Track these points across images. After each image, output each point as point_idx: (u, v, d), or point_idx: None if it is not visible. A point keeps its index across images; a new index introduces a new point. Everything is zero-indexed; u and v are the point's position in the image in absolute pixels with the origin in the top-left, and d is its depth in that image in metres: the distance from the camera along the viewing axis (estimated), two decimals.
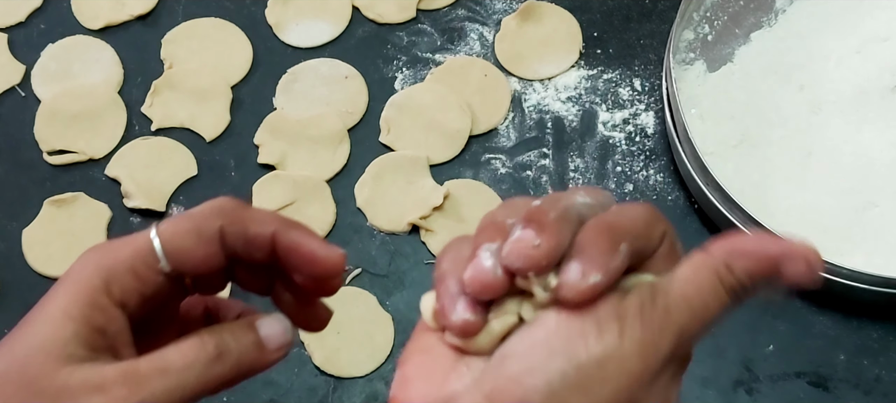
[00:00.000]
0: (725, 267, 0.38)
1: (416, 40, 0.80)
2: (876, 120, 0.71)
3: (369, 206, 0.74)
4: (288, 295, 0.46)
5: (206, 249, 0.43)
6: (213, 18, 0.81)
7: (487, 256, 0.37)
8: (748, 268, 0.38)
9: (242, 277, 0.46)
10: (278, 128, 0.77)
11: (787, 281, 0.38)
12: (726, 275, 0.38)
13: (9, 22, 0.82)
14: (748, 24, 0.77)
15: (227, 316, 0.48)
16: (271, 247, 0.43)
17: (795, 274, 0.38)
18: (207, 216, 0.43)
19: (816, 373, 0.68)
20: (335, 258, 0.44)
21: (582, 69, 0.78)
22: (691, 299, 0.37)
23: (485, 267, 0.37)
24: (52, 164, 0.77)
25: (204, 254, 0.43)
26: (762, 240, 0.38)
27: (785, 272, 0.38)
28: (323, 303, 0.48)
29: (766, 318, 0.69)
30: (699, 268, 0.38)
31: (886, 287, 0.65)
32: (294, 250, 0.43)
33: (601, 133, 0.76)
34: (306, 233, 0.44)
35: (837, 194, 0.69)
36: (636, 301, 0.37)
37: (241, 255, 0.43)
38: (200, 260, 0.43)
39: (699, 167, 0.69)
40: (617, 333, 0.36)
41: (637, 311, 0.37)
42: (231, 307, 0.48)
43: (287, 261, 0.44)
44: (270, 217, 0.44)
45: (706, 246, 0.38)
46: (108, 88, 0.79)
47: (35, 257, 0.73)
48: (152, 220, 0.74)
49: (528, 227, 0.37)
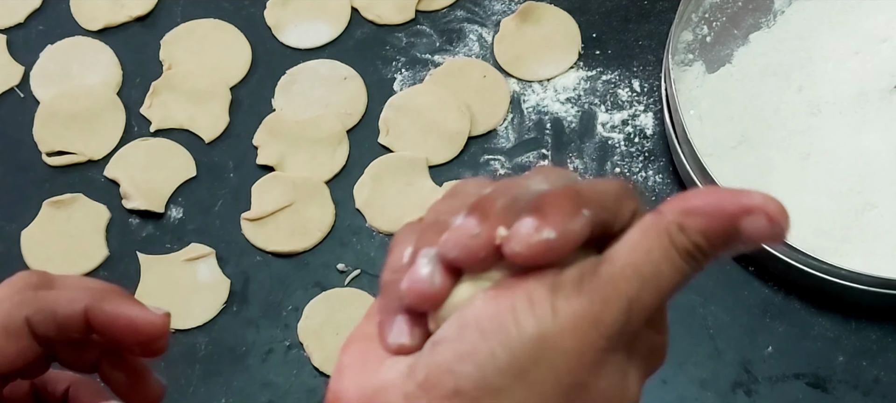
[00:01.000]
0: (678, 227, 0.33)
1: (415, 41, 0.80)
2: (875, 121, 0.71)
3: (368, 207, 0.74)
4: (116, 372, 0.44)
5: (16, 346, 0.40)
6: (212, 19, 0.81)
7: (425, 263, 0.34)
8: (703, 228, 0.33)
9: (65, 356, 0.43)
10: (277, 129, 0.77)
11: (748, 239, 0.33)
12: (679, 237, 0.33)
13: (8, 23, 0.82)
14: (747, 26, 0.77)
15: (54, 389, 0.45)
16: (86, 324, 0.40)
17: (756, 230, 0.33)
18: (10, 310, 0.40)
19: (815, 375, 0.68)
20: (157, 322, 0.41)
21: (581, 70, 0.78)
22: (640, 266, 0.33)
23: (422, 275, 0.33)
24: (50, 165, 0.76)
25: (15, 352, 0.40)
26: (718, 195, 0.34)
27: (744, 229, 0.33)
28: (155, 376, 0.45)
29: (764, 320, 0.69)
30: (648, 231, 0.33)
31: (885, 288, 0.65)
32: (111, 322, 0.40)
33: (600, 134, 0.76)
34: (122, 300, 0.41)
35: (836, 195, 0.69)
36: (575, 271, 0.33)
37: (57, 339, 0.41)
38: (13, 359, 0.40)
39: (698, 168, 0.69)
40: (549, 307, 0.32)
41: (575, 281, 0.33)
42: (58, 380, 0.45)
43: (105, 334, 0.41)
44: (80, 290, 0.41)
45: (659, 207, 0.34)
46: (107, 89, 0.79)
47: (34, 258, 0.73)
48: (151, 221, 0.74)
49: (471, 216, 0.33)
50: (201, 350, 0.70)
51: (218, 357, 0.70)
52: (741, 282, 0.70)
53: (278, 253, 0.73)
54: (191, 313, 0.71)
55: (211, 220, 0.74)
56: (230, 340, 0.70)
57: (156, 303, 0.70)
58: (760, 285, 0.70)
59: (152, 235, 0.74)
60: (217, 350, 0.70)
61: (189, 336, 0.70)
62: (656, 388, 0.67)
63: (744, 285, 0.70)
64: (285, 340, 0.70)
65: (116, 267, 0.73)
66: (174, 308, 0.70)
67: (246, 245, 0.73)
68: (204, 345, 0.70)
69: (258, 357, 0.70)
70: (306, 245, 0.73)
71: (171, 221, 0.74)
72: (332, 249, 0.73)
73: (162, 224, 0.74)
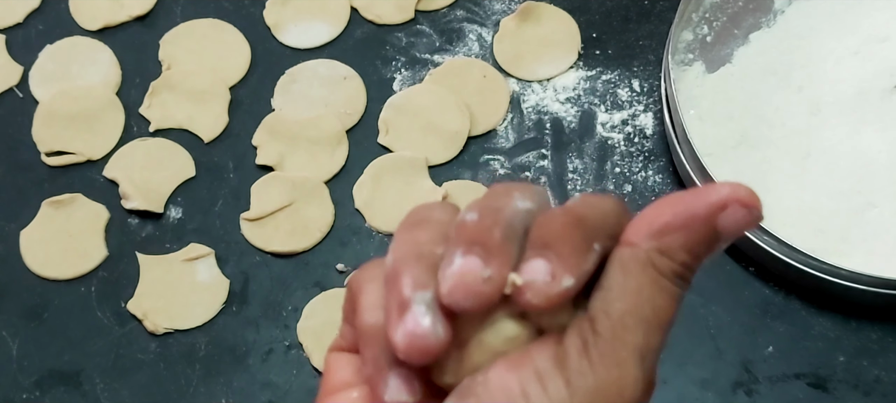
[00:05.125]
0: (658, 253, 0.31)
1: (414, 41, 0.80)
2: (875, 120, 0.71)
3: (368, 207, 0.74)
4: None
5: None
6: (212, 19, 0.81)
7: (423, 311, 0.29)
8: (682, 243, 0.31)
9: None
10: (277, 129, 0.77)
11: (728, 236, 0.32)
12: (663, 263, 0.31)
13: (7, 23, 0.82)
14: (747, 25, 0.77)
15: None
16: None
17: (735, 223, 0.31)
18: None
19: (816, 375, 0.68)
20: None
21: (581, 70, 0.78)
22: (638, 310, 0.31)
23: (424, 328, 0.29)
24: (49, 165, 0.76)
25: None
26: (684, 202, 0.31)
27: (722, 227, 0.31)
28: None
29: (765, 320, 0.69)
30: (630, 269, 0.31)
31: (885, 288, 0.65)
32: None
33: (600, 134, 0.76)
34: None
35: (836, 195, 0.69)
36: (576, 340, 0.30)
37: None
38: None
39: (698, 168, 0.69)
40: (563, 384, 0.30)
41: (580, 349, 0.30)
42: None
43: None
44: None
45: (625, 237, 0.32)
46: (106, 89, 0.79)
47: (33, 258, 0.73)
48: (150, 221, 0.74)
49: (472, 253, 0.30)
50: (201, 350, 0.70)
51: (218, 357, 0.70)
52: (741, 282, 0.70)
53: (278, 253, 0.73)
54: (190, 313, 0.71)
55: (210, 220, 0.74)
56: (230, 340, 0.70)
57: (155, 303, 0.71)
58: (761, 285, 0.70)
59: (151, 235, 0.74)
60: (217, 351, 0.70)
61: (189, 336, 0.70)
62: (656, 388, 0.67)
63: (744, 285, 0.70)
64: (285, 340, 0.70)
65: (115, 267, 0.73)
66: (173, 308, 0.71)
67: (245, 245, 0.73)
68: (204, 345, 0.70)
69: (258, 357, 0.70)
70: (306, 245, 0.73)
71: (170, 221, 0.74)
72: (331, 249, 0.73)
73: (161, 224, 0.74)
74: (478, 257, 0.30)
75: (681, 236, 0.31)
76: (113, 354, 0.70)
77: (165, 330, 0.70)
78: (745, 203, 0.32)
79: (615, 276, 0.31)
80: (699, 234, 0.31)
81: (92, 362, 0.70)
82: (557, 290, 0.30)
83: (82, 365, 0.70)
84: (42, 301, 0.72)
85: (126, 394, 0.69)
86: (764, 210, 0.33)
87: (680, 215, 0.31)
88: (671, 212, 0.31)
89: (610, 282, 0.31)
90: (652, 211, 0.32)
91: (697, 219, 0.31)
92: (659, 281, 0.31)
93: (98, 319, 0.71)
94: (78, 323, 0.71)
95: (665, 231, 0.31)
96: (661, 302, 0.31)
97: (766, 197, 0.75)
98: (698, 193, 0.31)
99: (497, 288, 0.30)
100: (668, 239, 0.31)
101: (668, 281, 0.31)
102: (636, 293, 0.31)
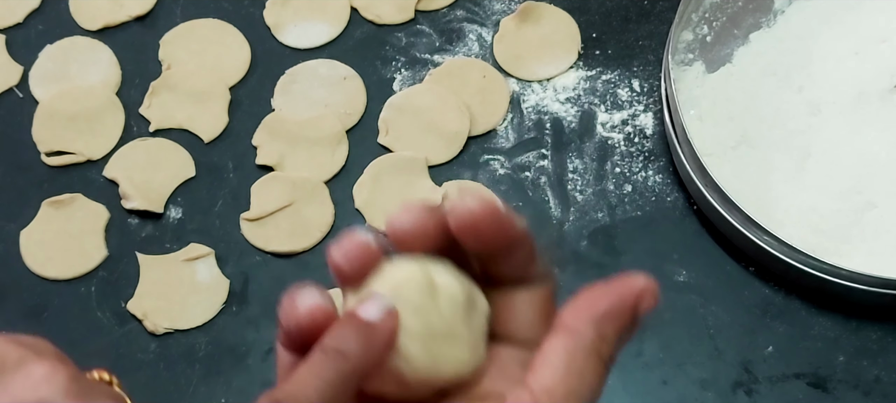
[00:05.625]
0: (599, 339, 0.34)
1: (414, 41, 0.80)
2: (874, 121, 0.71)
3: (368, 207, 0.74)
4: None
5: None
6: (212, 19, 0.81)
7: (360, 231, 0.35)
8: (618, 329, 0.34)
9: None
10: (276, 129, 0.77)
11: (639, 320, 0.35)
12: (604, 348, 0.34)
13: (7, 23, 0.82)
14: (747, 25, 0.77)
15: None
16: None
17: (646, 309, 0.35)
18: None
19: (816, 374, 0.68)
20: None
21: (581, 70, 0.78)
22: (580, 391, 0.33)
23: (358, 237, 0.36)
24: (49, 165, 0.76)
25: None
26: (615, 291, 0.35)
27: (640, 314, 0.35)
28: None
29: (765, 320, 0.69)
30: (574, 355, 0.34)
31: (885, 288, 0.65)
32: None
33: (600, 134, 0.76)
34: None
35: (836, 195, 0.69)
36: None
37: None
38: None
39: (698, 168, 0.69)
40: None
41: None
42: None
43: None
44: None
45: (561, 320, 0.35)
46: (106, 89, 0.79)
47: (33, 258, 0.73)
48: (150, 221, 0.74)
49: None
50: (201, 350, 0.70)
51: (218, 357, 0.70)
52: (741, 282, 0.70)
53: (278, 253, 0.73)
54: (190, 313, 0.71)
55: (210, 220, 0.74)
56: (230, 340, 0.70)
57: (155, 303, 0.71)
58: (761, 285, 0.70)
59: (151, 235, 0.74)
60: (217, 350, 0.70)
61: (189, 336, 0.70)
62: (656, 388, 0.67)
63: (744, 285, 0.70)
64: None
65: (115, 267, 0.73)
66: (173, 308, 0.71)
67: (245, 245, 0.73)
68: (204, 345, 0.70)
69: (258, 357, 0.70)
70: (306, 245, 0.73)
71: (170, 221, 0.74)
72: None
73: (161, 224, 0.74)
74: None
75: (618, 323, 0.34)
76: (113, 354, 0.70)
77: (165, 330, 0.70)
78: (654, 291, 0.35)
79: (560, 357, 0.34)
80: (628, 321, 0.34)
81: (92, 362, 0.70)
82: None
83: (82, 365, 0.70)
84: (42, 301, 0.72)
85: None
86: (763, 210, 0.34)
87: (615, 304, 0.34)
88: (607, 301, 0.34)
89: (553, 362, 0.34)
90: (587, 298, 0.35)
91: (628, 307, 0.34)
92: (598, 366, 0.34)
93: (98, 319, 0.71)
94: (78, 323, 0.71)
95: (605, 318, 0.34)
96: (595, 384, 0.34)
97: (765, 197, 0.75)
98: (621, 283, 0.35)
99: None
100: (607, 327, 0.34)
101: (603, 365, 0.34)
102: (578, 376, 0.33)
